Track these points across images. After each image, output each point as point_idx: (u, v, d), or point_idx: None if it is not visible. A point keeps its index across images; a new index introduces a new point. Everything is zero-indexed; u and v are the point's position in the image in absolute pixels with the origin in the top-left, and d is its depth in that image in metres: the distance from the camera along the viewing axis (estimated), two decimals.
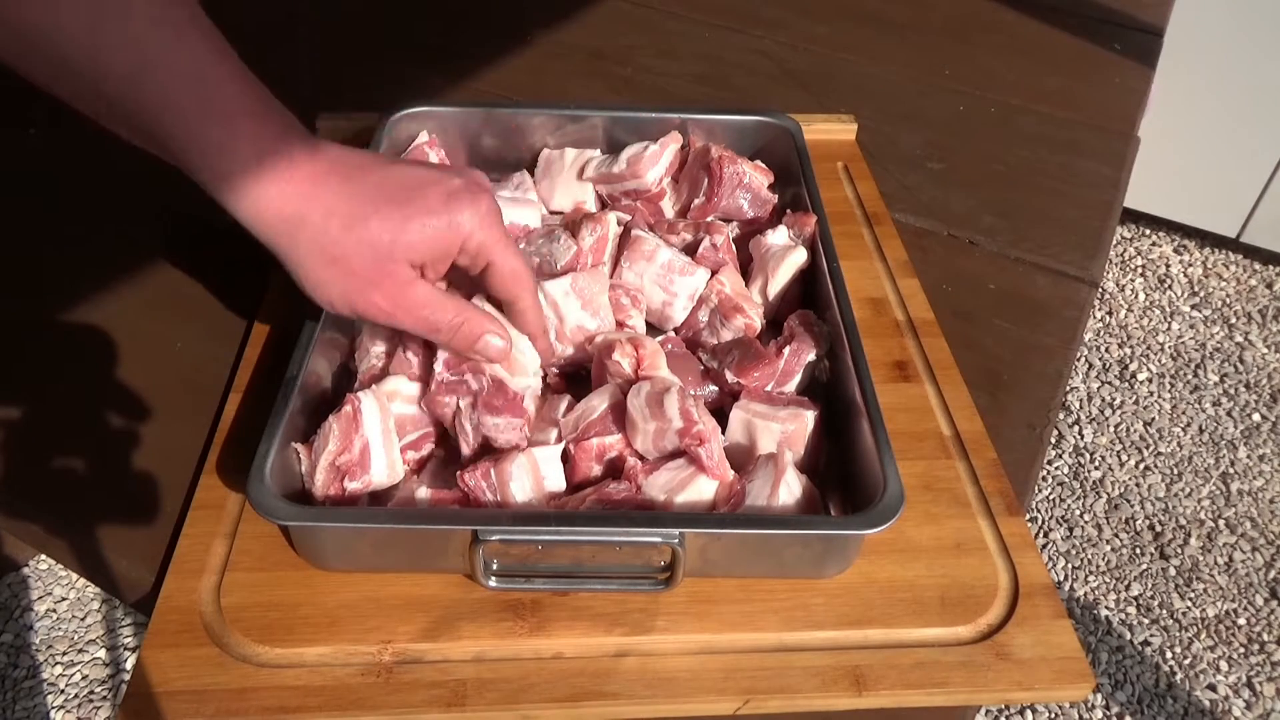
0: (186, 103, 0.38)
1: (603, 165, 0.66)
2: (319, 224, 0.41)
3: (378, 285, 0.43)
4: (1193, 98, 1.77)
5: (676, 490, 0.46)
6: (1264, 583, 1.43)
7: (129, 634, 1.33)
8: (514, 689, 0.42)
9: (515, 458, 0.47)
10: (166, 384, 0.57)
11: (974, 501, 0.50)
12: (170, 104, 0.38)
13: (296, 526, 0.44)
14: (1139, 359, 1.78)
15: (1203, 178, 1.87)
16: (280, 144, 0.40)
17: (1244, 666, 1.34)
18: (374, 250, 0.42)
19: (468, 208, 0.43)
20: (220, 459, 0.51)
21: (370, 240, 0.42)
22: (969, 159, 0.80)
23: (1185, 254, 2.00)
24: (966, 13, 1.03)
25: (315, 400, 0.50)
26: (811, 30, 0.98)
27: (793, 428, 0.49)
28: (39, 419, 0.55)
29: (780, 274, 0.58)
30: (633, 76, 0.89)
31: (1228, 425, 1.66)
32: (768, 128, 0.68)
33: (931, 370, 0.58)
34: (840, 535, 0.45)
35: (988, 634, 0.45)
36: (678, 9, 1.00)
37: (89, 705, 1.26)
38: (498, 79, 0.87)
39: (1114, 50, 0.97)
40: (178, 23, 0.38)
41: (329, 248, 0.42)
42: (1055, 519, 1.52)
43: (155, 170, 0.74)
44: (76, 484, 0.52)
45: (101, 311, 0.62)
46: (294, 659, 0.43)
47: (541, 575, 0.45)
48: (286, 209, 0.41)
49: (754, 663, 0.43)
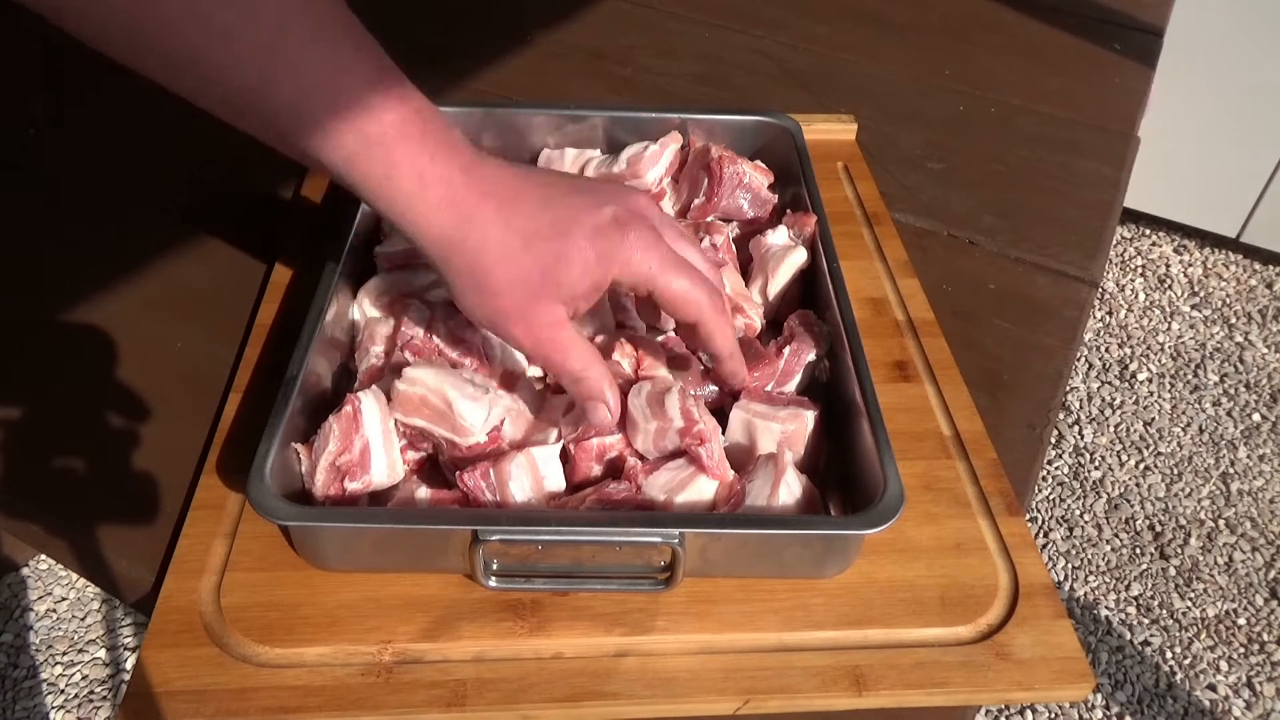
0: (348, 136, 0.39)
1: (603, 165, 0.66)
2: (473, 252, 0.42)
3: (521, 319, 0.43)
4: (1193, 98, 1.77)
5: (677, 490, 0.46)
6: (1264, 583, 1.43)
7: (129, 634, 1.33)
8: (514, 689, 0.42)
9: (514, 458, 0.47)
10: (166, 384, 0.57)
11: (974, 501, 0.51)
12: (331, 135, 0.39)
13: (296, 526, 0.44)
14: (1139, 359, 1.78)
15: (1203, 178, 1.87)
16: (439, 168, 0.41)
17: (1244, 666, 1.34)
18: (523, 286, 0.42)
19: (617, 242, 0.43)
20: (220, 459, 0.51)
21: (519, 277, 0.42)
22: (969, 159, 0.80)
23: (1185, 254, 2.00)
24: (966, 13, 1.03)
25: (315, 400, 0.50)
26: (811, 30, 0.98)
27: (793, 427, 0.49)
28: (39, 419, 0.55)
29: (780, 274, 0.58)
30: (633, 76, 0.89)
31: (1228, 425, 1.66)
32: (768, 128, 0.68)
33: (931, 370, 0.58)
34: (840, 535, 0.45)
35: (988, 634, 0.45)
36: (678, 9, 1.00)
37: (89, 705, 1.26)
38: (498, 79, 0.87)
39: (1114, 50, 0.97)
40: (339, 51, 0.38)
41: (481, 277, 0.42)
42: (1055, 519, 1.52)
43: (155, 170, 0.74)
44: (76, 484, 0.52)
45: (101, 311, 0.62)
46: (294, 659, 0.43)
47: (541, 575, 0.45)
48: (444, 234, 0.42)
49: (754, 663, 0.43)
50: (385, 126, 0.39)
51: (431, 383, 0.47)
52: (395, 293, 0.55)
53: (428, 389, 0.47)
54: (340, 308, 0.54)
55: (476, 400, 0.47)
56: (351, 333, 0.56)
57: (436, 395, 0.47)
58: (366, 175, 0.40)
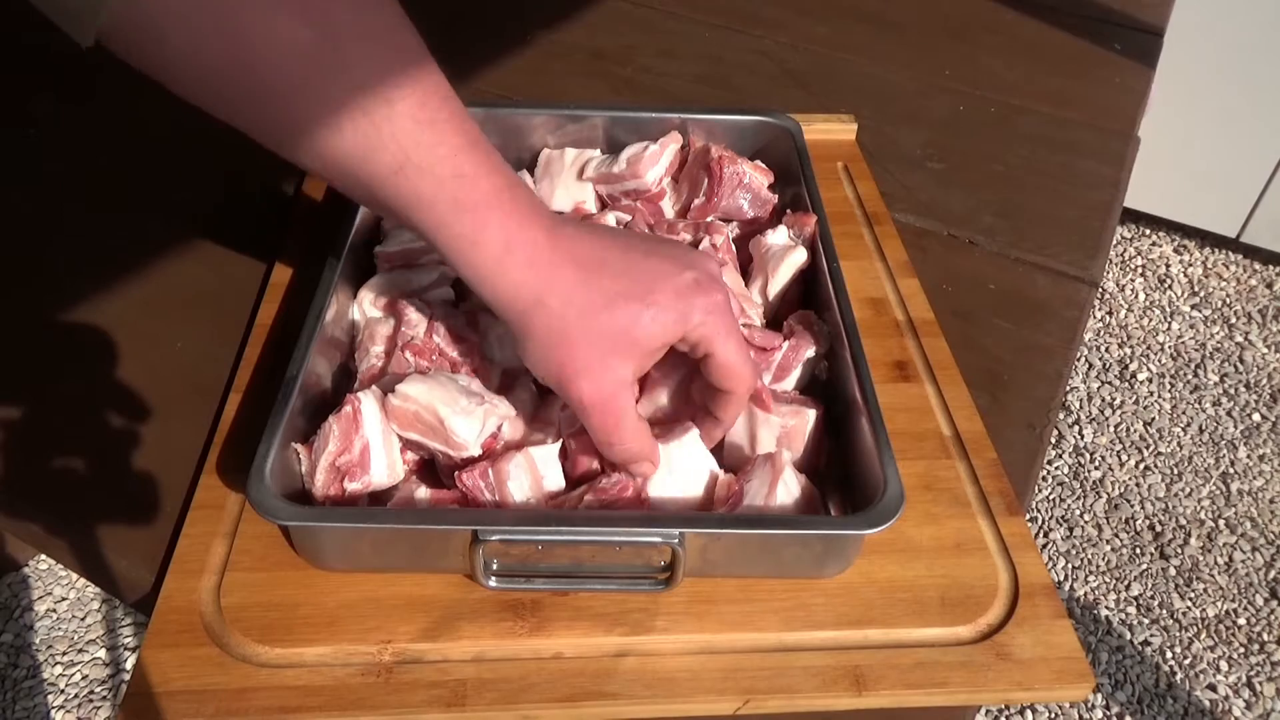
0: (441, 202, 0.41)
1: (603, 165, 0.66)
2: (556, 310, 0.43)
3: (589, 375, 0.44)
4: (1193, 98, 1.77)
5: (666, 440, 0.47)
6: (1264, 583, 1.43)
7: (129, 634, 1.33)
8: (514, 689, 0.42)
9: (513, 457, 0.47)
10: (166, 384, 0.57)
11: (974, 501, 0.51)
12: (425, 201, 0.41)
13: (296, 526, 0.44)
14: (1139, 359, 1.78)
15: (1203, 178, 1.87)
16: (524, 233, 0.42)
17: (1244, 666, 1.34)
18: (601, 342, 0.43)
19: (699, 302, 0.44)
20: (220, 459, 0.51)
21: (599, 333, 0.43)
22: (969, 159, 0.80)
23: (1185, 254, 2.00)
24: (966, 13, 1.03)
25: (315, 400, 0.50)
26: (811, 30, 0.98)
27: (793, 423, 0.49)
28: (39, 419, 0.55)
29: (780, 274, 0.58)
30: (633, 76, 0.89)
31: (1228, 425, 1.66)
32: (768, 128, 0.68)
33: (931, 370, 0.58)
34: (840, 535, 0.45)
35: (988, 634, 0.45)
36: (678, 9, 1.00)
37: (89, 705, 1.26)
38: (498, 79, 0.87)
39: (1114, 50, 0.97)
40: (436, 121, 0.40)
41: (563, 331, 0.43)
42: (1055, 519, 1.52)
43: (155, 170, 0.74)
44: (76, 484, 0.52)
45: (101, 311, 0.62)
46: (294, 659, 0.43)
47: (541, 575, 0.45)
48: (527, 296, 0.43)
49: (754, 663, 0.43)
50: (479, 196, 0.41)
51: (424, 399, 0.47)
52: (395, 293, 0.55)
53: (420, 405, 0.47)
54: (340, 308, 0.54)
55: (469, 415, 0.47)
56: (351, 333, 0.56)
57: (428, 411, 0.47)
58: (454, 238, 0.42)
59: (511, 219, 0.42)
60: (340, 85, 0.38)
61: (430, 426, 0.47)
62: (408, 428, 0.48)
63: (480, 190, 0.41)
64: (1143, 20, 1.02)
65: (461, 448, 0.47)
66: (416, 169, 0.40)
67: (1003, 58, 0.95)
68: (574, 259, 0.43)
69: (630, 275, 0.44)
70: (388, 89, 0.39)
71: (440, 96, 0.40)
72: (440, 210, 0.41)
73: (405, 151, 0.39)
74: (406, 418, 0.47)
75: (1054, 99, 0.88)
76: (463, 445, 0.47)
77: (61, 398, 0.57)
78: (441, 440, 0.47)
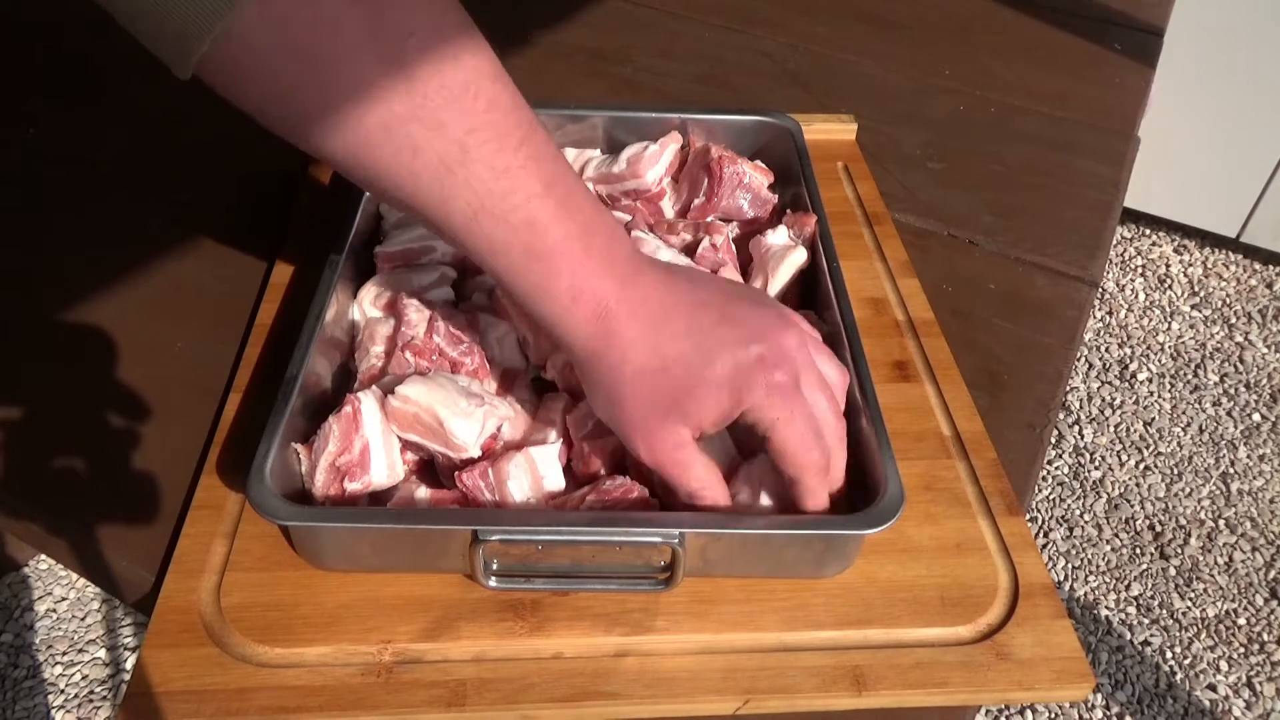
0: (514, 250, 0.41)
1: (603, 165, 0.66)
2: (615, 365, 0.43)
3: (645, 437, 0.43)
4: (1193, 98, 1.77)
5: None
6: (1264, 583, 1.43)
7: (129, 634, 1.33)
8: (514, 689, 0.42)
9: (513, 457, 0.47)
10: (166, 384, 0.57)
11: (974, 501, 0.51)
12: (498, 249, 0.41)
13: (296, 526, 0.44)
14: (1139, 359, 1.78)
15: (1203, 178, 1.87)
16: (592, 283, 0.42)
17: (1244, 666, 1.34)
18: (652, 406, 0.43)
19: (753, 384, 0.42)
20: (220, 459, 0.51)
21: (650, 397, 0.43)
22: (969, 159, 0.80)
23: (1185, 254, 2.00)
24: (966, 13, 1.03)
25: (315, 400, 0.50)
26: (811, 30, 0.98)
27: None
28: (39, 419, 0.55)
29: (780, 274, 0.58)
30: (633, 76, 0.89)
31: (1228, 425, 1.66)
32: (768, 128, 0.68)
33: (931, 370, 0.58)
34: (840, 535, 0.45)
35: (988, 634, 0.45)
36: (678, 9, 1.00)
37: (89, 705, 1.26)
38: None
39: (1114, 50, 0.97)
40: (511, 169, 0.39)
41: (614, 391, 0.43)
42: (1055, 519, 1.52)
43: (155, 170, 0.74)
44: (76, 484, 0.52)
45: (101, 311, 0.62)
46: (294, 659, 0.43)
47: (541, 575, 0.45)
48: (589, 346, 0.43)
49: (754, 663, 0.43)
50: (550, 243, 0.41)
51: (423, 401, 0.47)
52: (395, 293, 0.55)
53: (419, 407, 0.47)
54: (340, 308, 0.54)
55: (468, 417, 0.47)
56: (351, 333, 0.56)
57: (428, 413, 0.47)
58: (527, 286, 0.42)
59: (582, 268, 0.41)
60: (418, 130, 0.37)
61: (430, 428, 0.47)
62: (407, 429, 0.48)
63: (552, 238, 0.41)
64: (1143, 20, 1.02)
65: (461, 449, 0.47)
66: (490, 217, 0.40)
67: (1003, 58, 0.95)
68: (639, 315, 0.42)
69: (693, 339, 0.43)
70: (466, 138, 0.38)
71: (521, 140, 0.40)
72: (513, 257, 0.41)
73: (480, 199, 0.39)
74: (406, 419, 0.47)
75: (1054, 99, 0.88)
76: (462, 447, 0.47)
77: (61, 398, 0.57)
78: (441, 442, 0.47)
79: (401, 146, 0.38)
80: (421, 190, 0.39)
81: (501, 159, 0.39)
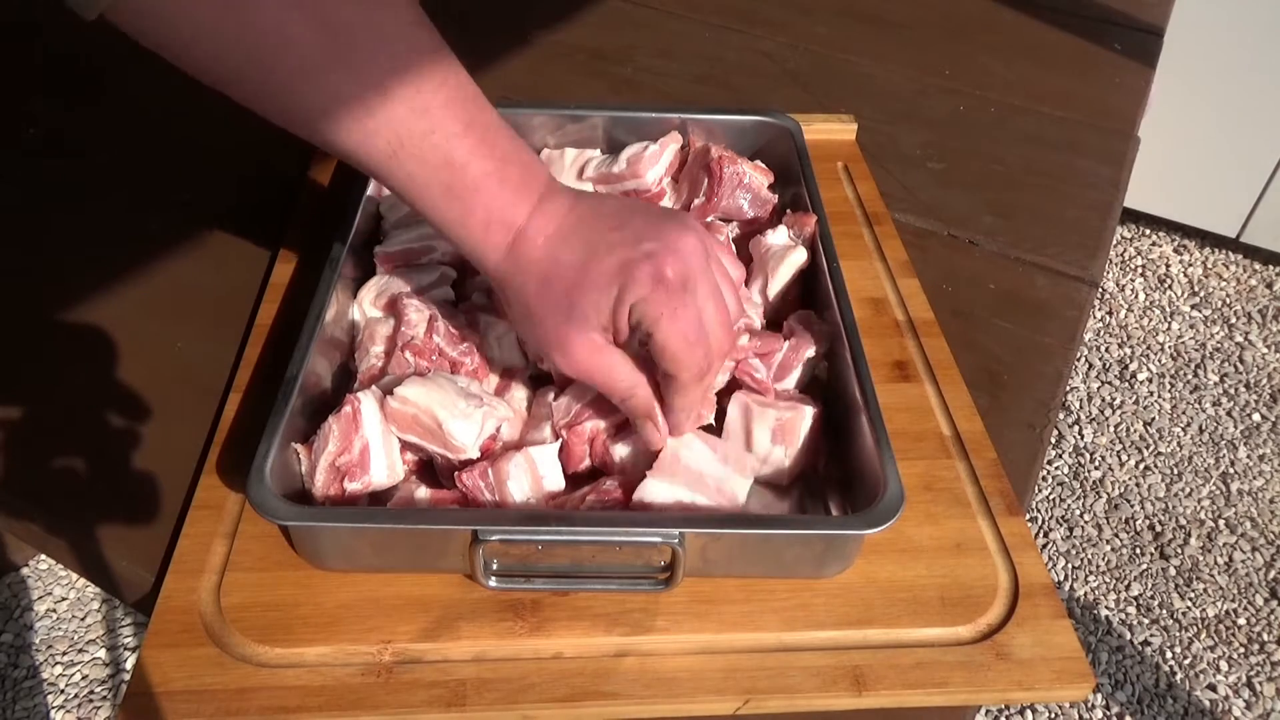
0: (433, 187, 0.43)
1: (603, 165, 0.66)
2: (524, 284, 0.44)
3: (559, 347, 0.45)
4: (1193, 98, 1.77)
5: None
6: (1264, 583, 1.43)
7: (129, 634, 1.33)
8: (514, 689, 0.42)
9: (513, 457, 0.47)
10: (166, 384, 0.57)
11: (974, 501, 0.51)
12: (419, 185, 0.43)
13: (296, 526, 0.44)
14: (1139, 359, 1.78)
15: (1203, 178, 1.87)
16: (506, 213, 0.44)
17: (1244, 666, 1.34)
18: (555, 315, 0.44)
19: (636, 280, 0.43)
20: (220, 459, 0.51)
21: (551, 306, 0.44)
22: (969, 159, 0.80)
23: (1185, 254, 2.00)
24: (966, 13, 1.03)
25: (315, 400, 0.50)
26: (811, 30, 0.98)
27: (789, 415, 0.49)
28: (39, 419, 0.55)
29: (780, 274, 0.58)
30: (633, 76, 0.89)
31: (1228, 425, 1.66)
32: (768, 128, 0.68)
33: (931, 370, 0.58)
34: (840, 535, 0.45)
35: (988, 634, 0.45)
36: (678, 9, 1.00)
37: (89, 705, 1.26)
38: (498, 79, 0.87)
39: (1114, 50, 0.97)
40: (431, 109, 0.41)
41: (526, 306, 0.45)
42: (1055, 519, 1.52)
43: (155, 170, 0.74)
44: (76, 484, 0.52)
45: (101, 311, 0.62)
46: (294, 659, 0.43)
47: (541, 575, 0.45)
48: (502, 269, 0.45)
49: (754, 663, 0.43)
50: (468, 180, 0.43)
51: (422, 402, 0.47)
52: (395, 293, 0.55)
53: (418, 409, 0.47)
54: (340, 308, 0.54)
55: (467, 418, 0.47)
56: (351, 333, 0.56)
57: (426, 415, 0.47)
58: (445, 220, 0.44)
59: (496, 200, 0.43)
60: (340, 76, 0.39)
61: (428, 429, 0.47)
62: (406, 430, 0.48)
63: (470, 175, 0.42)
64: (1143, 20, 1.02)
65: (460, 451, 0.47)
66: (410, 155, 0.41)
67: (1003, 58, 0.95)
68: (547, 234, 0.44)
69: (590, 247, 0.44)
70: (387, 80, 0.40)
71: (440, 84, 0.41)
72: (433, 193, 0.43)
73: (399, 138, 0.41)
74: (405, 420, 0.47)
75: (1054, 99, 0.88)
76: (461, 449, 0.47)
77: (61, 398, 0.57)
78: (440, 443, 0.47)
79: (322, 90, 0.39)
80: (343, 130, 0.41)
81: (420, 99, 0.41)
